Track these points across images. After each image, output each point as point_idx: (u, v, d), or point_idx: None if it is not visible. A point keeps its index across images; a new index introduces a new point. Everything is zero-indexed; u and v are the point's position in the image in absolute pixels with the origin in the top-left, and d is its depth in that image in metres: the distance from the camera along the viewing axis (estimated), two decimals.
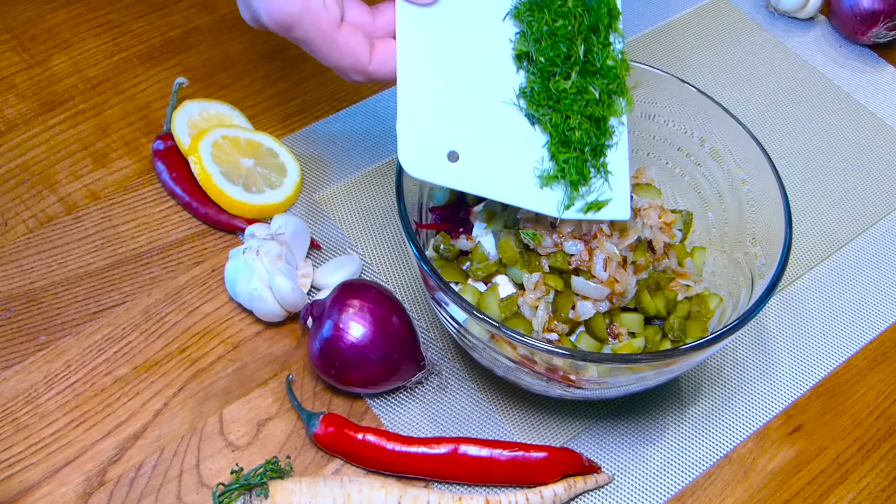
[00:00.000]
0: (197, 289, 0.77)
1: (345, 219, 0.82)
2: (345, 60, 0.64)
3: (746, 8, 1.02)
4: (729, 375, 0.75)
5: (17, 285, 0.76)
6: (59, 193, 0.82)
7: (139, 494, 0.67)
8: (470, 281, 0.68)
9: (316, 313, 0.70)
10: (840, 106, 0.94)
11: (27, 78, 0.90)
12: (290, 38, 0.64)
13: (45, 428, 0.69)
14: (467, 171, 0.63)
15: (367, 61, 0.64)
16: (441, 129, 0.63)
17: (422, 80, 0.63)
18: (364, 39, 0.64)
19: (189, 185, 0.81)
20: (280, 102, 0.90)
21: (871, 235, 0.84)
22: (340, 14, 0.63)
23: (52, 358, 0.73)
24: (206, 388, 0.72)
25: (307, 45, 0.64)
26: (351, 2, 0.65)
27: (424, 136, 0.62)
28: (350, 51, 0.63)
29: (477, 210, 0.71)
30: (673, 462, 0.70)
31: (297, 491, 0.64)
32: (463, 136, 0.63)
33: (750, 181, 0.71)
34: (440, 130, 0.63)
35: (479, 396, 0.73)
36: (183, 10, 0.97)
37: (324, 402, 0.72)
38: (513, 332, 0.59)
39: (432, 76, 0.63)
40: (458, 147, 0.63)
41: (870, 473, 0.71)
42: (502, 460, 0.67)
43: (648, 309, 0.67)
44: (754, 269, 0.69)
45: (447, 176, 0.63)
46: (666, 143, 0.77)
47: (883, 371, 0.76)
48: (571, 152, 0.64)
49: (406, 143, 0.62)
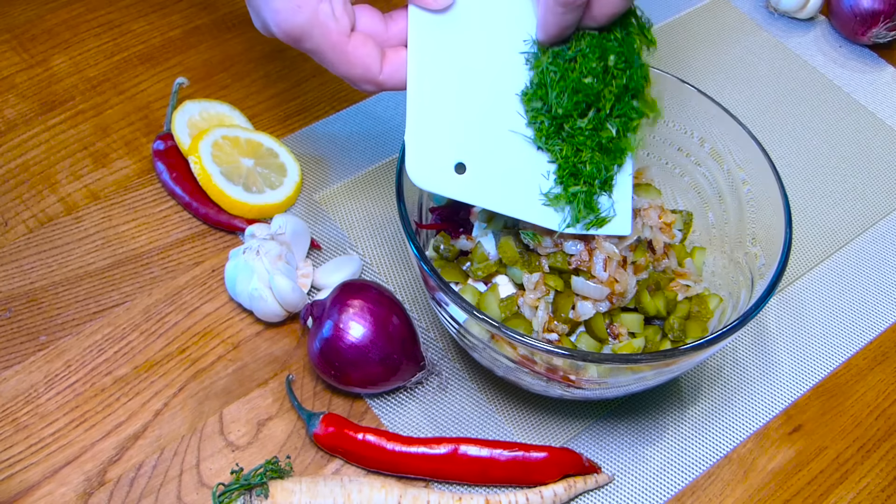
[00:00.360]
0: (197, 289, 0.77)
1: (345, 219, 0.82)
2: (355, 71, 0.63)
3: (746, 8, 1.02)
4: (729, 375, 0.75)
5: (17, 285, 0.76)
6: (59, 193, 0.82)
7: (139, 494, 0.67)
8: (470, 281, 0.68)
9: (316, 313, 0.70)
10: (840, 106, 0.94)
11: (27, 78, 0.90)
12: (300, 48, 0.63)
13: (45, 428, 0.69)
14: (473, 184, 0.63)
15: (378, 72, 0.63)
16: (449, 140, 0.62)
17: (432, 89, 0.62)
18: (375, 49, 0.63)
19: (189, 185, 0.81)
20: (280, 102, 0.90)
21: (871, 235, 0.84)
22: (351, 23, 0.63)
23: (52, 358, 0.73)
24: (206, 388, 0.72)
25: (317, 56, 0.63)
26: (363, 9, 0.64)
27: (432, 147, 0.62)
28: (360, 62, 0.63)
29: (477, 210, 0.71)
30: (673, 462, 0.70)
31: (297, 491, 0.64)
32: (471, 147, 0.63)
33: (750, 181, 0.71)
34: (449, 141, 0.62)
35: (479, 396, 0.73)
36: (183, 10, 0.97)
37: (324, 402, 0.72)
38: (513, 332, 0.59)
39: (443, 86, 0.62)
40: (466, 159, 0.62)
41: (870, 473, 0.71)
42: (502, 460, 0.67)
43: (648, 309, 0.67)
44: (754, 269, 0.69)
45: (453, 187, 0.62)
46: (666, 143, 0.77)
47: (883, 371, 0.76)
48: (581, 185, 0.64)
49: (414, 153, 0.61)
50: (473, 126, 0.63)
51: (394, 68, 0.63)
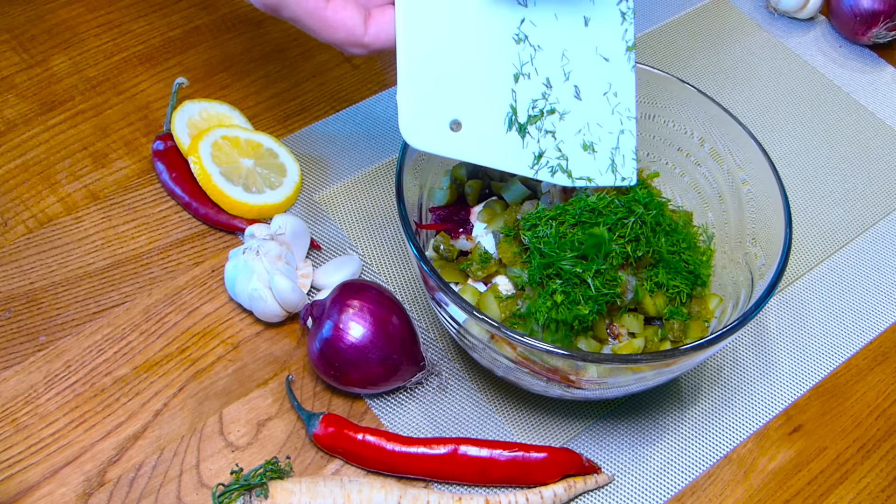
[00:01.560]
0: (197, 289, 0.77)
1: (345, 219, 0.82)
2: (338, 35, 0.62)
3: (746, 8, 1.02)
4: (729, 375, 0.75)
5: (17, 285, 0.76)
6: (59, 193, 0.82)
7: (139, 494, 0.67)
8: (470, 281, 0.68)
9: (316, 313, 0.70)
10: (840, 106, 0.94)
11: (27, 78, 0.90)
12: (280, 17, 0.62)
13: (45, 428, 0.69)
14: (469, 141, 0.61)
15: (363, 33, 0.62)
16: (443, 97, 0.61)
17: (423, 45, 0.61)
18: (356, 11, 0.62)
19: (189, 185, 0.81)
20: (280, 102, 0.90)
21: (871, 235, 0.84)
22: None
23: (52, 358, 0.73)
24: (206, 389, 0.72)
25: (297, 23, 0.62)
26: None
27: (426, 105, 0.60)
28: (341, 25, 0.62)
29: (477, 210, 0.71)
30: (673, 462, 0.70)
31: (297, 491, 0.64)
32: (466, 103, 0.61)
33: (750, 181, 0.71)
34: (442, 98, 0.61)
35: (479, 396, 0.73)
36: (183, 10, 0.97)
37: (324, 403, 0.72)
38: (513, 332, 0.59)
39: (434, 41, 0.61)
40: (461, 115, 0.61)
41: (870, 473, 0.71)
42: (502, 460, 0.67)
43: (648, 309, 0.67)
44: (754, 269, 0.69)
45: (449, 146, 0.61)
46: (666, 143, 0.77)
47: (883, 371, 0.76)
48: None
49: (407, 112, 0.60)
50: (467, 81, 0.61)
51: (379, 28, 0.62)
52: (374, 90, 0.91)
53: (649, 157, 0.78)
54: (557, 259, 0.62)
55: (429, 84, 0.61)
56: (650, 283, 0.65)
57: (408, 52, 0.60)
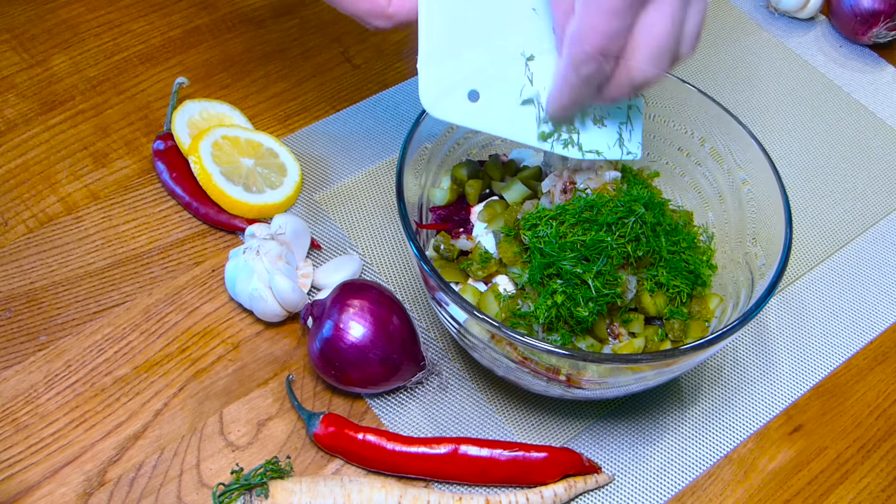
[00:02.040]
0: (197, 289, 0.77)
1: (345, 219, 0.82)
2: (362, 6, 0.62)
3: (746, 8, 1.02)
4: (729, 375, 0.75)
5: (17, 285, 0.76)
6: (59, 193, 0.82)
7: (139, 494, 0.67)
8: (470, 281, 0.68)
9: (316, 313, 0.70)
10: (840, 106, 0.94)
11: (27, 78, 0.90)
12: None
13: (45, 428, 0.69)
14: (486, 112, 0.62)
15: (387, 4, 0.62)
16: (463, 68, 0.61)
17: (444, 17, 0.61)
18: None
19: (189, 185, 0.81)
20: (280, 102, 0.90)
21: (871, 235, 0.84)
22: None
23: (52, 358, 0.73)
24: (206, 388, 0.72)
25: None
26: None
27: (446, 75, 0.61)
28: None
29: (477, 210, 0.71)
30: (673, 462, 0.70)
31: (297, 491, 0.64)
32: (484, 75, 0.62)
33: (750, 181, 0.71)
34: (462, 68, 0.61)
35: (479, 396, 0.73)
36: (183, 10, 0.97)
37: (324, 402, 0.72)
38: (513, 332, 0.59)
39: (455, 14, 0.61)
40: (479, 86, 0.62)
41: (870, 473, 0.71)
42: (502, 460, 0.67)
43: (649, 309, 0.67)
44: (754, 269, 0.69)
45: (467, 116, 0.62)
46: (666, 143, 0.77)
47: (883, 371, 0.76)
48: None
49: (427, 81, 0.61)
50: (486, 52, 0.62)
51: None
52: (374, 90, 0.91)
53: (649, 157, 0.78)
54: (558, 259, 0.62)
55: (449, 54, 0.61)
56: (650, 282, 0.65)
57: (430, 23, 0.61)
